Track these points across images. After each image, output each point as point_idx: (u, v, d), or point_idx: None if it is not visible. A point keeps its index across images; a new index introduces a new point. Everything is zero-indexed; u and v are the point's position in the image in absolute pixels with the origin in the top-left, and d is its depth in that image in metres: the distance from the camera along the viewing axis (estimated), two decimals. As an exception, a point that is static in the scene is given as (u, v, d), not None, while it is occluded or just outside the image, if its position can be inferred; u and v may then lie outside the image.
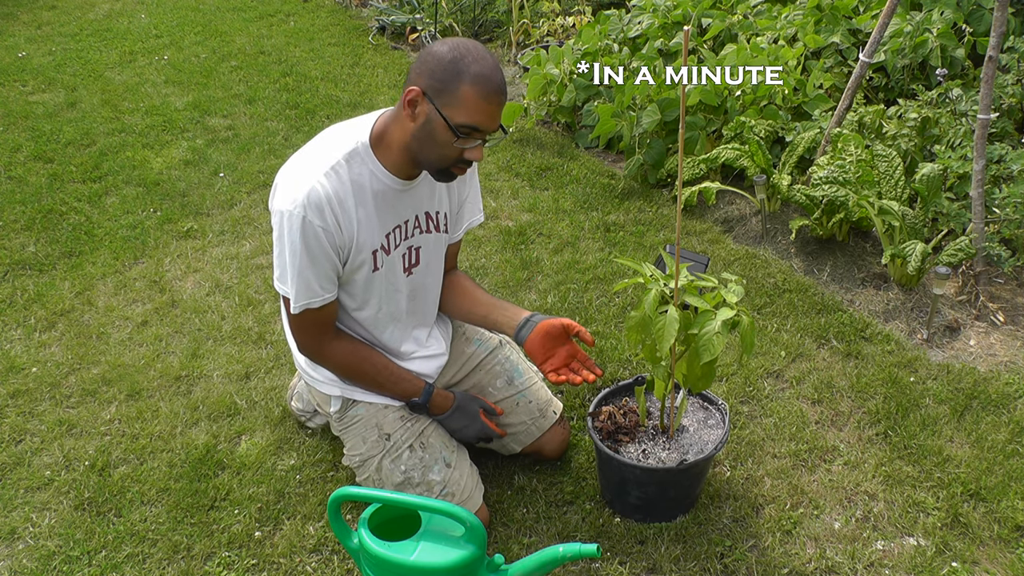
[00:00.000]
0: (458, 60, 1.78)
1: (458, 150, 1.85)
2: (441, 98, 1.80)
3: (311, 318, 1.98)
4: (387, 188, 1.96)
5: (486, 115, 1.81)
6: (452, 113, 1.80)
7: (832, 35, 4.02)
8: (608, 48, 4.35)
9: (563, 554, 1.75)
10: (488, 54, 1.82)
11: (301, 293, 1.92)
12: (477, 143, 1.85)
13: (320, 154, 1.92)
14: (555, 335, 2.07)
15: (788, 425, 2.47)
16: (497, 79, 1.81)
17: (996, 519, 2.15)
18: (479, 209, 2.24)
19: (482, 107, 1.80)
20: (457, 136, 1.82)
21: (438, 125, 1.82)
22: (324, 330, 2.03)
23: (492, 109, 1.81)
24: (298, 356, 2.20)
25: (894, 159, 3.09)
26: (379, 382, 2.11)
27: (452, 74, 1.78)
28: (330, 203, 1.86)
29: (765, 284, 3.11)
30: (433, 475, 2.09)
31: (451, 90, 1.79)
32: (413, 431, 2.12)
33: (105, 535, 2.19)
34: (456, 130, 1.81)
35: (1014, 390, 2.56)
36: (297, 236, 1.86)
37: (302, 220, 1.85)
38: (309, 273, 1.90)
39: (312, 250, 1.88)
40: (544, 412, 2.30)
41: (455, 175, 1.93)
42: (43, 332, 2.99)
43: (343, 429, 2.18)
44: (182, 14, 6.67)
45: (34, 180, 4.04)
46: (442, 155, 1.86)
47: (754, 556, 2.09)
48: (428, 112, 1.82)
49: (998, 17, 2.74)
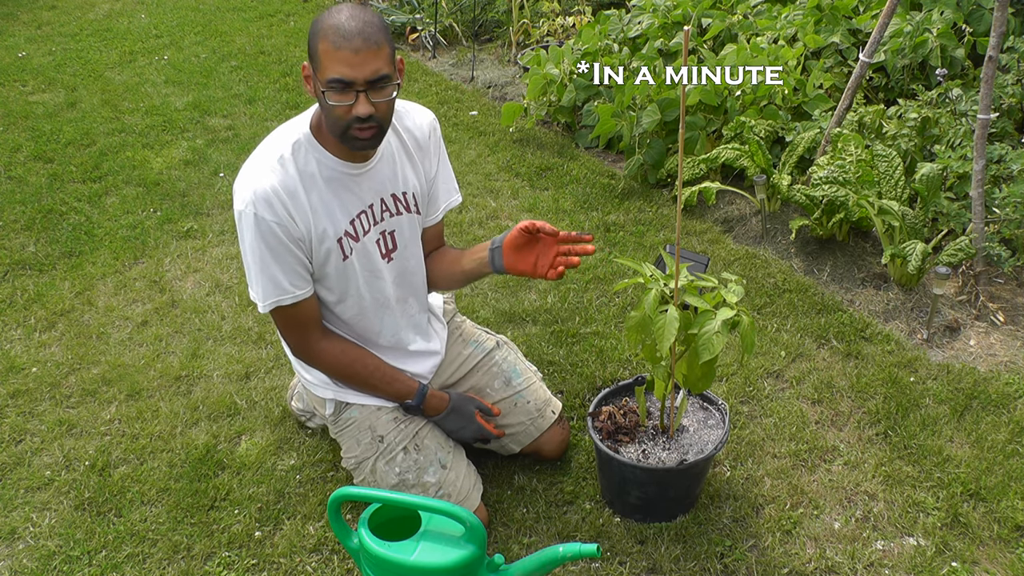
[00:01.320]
0: (316, 22, 1.80)
1: (343, 109, 1.81)
2: (313, 64, 1.81)
3: (290, 317, 1.97)
4: (339, 174, 1.94)
5: (343, 62, 1.76)
6: (320, 74, 1.79)
7: (832, 35, 4.02)
8: (608, 48, 4.35)
9: (563, 554, 1.75)
10: (350, 7, 1.80)
11: (269, 291, 1.92)
12: (353, 96, 1.79)
13: (265, 152, 1.92)
14: (523, 243, 2.01)
15: (788, 425, 2.47)
16: (348, 26, 1.76)
17: (996, 519, 2.15)
18: (455, 189, 2.20)
19: (335, 56, 1.76)
20: (324, 91, 1.79)
21: (317, 88, 1.82)
22: (309, 329, 2.02)
23: (345, 56, 1.75)
24: (293, 359, 2.20)
25: (894, 159, 3.09)
26: (372, 383, 2.10)
27: (313, 35, 1.80)
28: (278, 196, 1.86)
29: (765, 284, 3.11)
30: (428, 477, 2.08)
31: (314, 51, 1.80)
32: (407, 433, 2.12)
33: (105, 535, 2.19)
34: (325, 87, 1.79)
35: (1014, 390, 2.56)
36: (254, 234, 1.86)
37: (254, 217, 1.85)
38: (274, 269, 1.89)
39: (271, 245, 1.87)
40: (543, 412, 2.30)
41: (358, 138, 1.85)
42: (43, 332, 2.99)
43: (338, 432, 2.18)
44: (182, 14, 6.67)
45: (34, 180, 4.04)
46: (331, 117, 1.84)
47: (754, 556, 2.09)
48: (314, 82, 1.83)
49: (998, 17, 2.74)
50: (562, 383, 2.66)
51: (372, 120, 1.82)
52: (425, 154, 2.10)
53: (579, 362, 2.74)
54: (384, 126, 1.87)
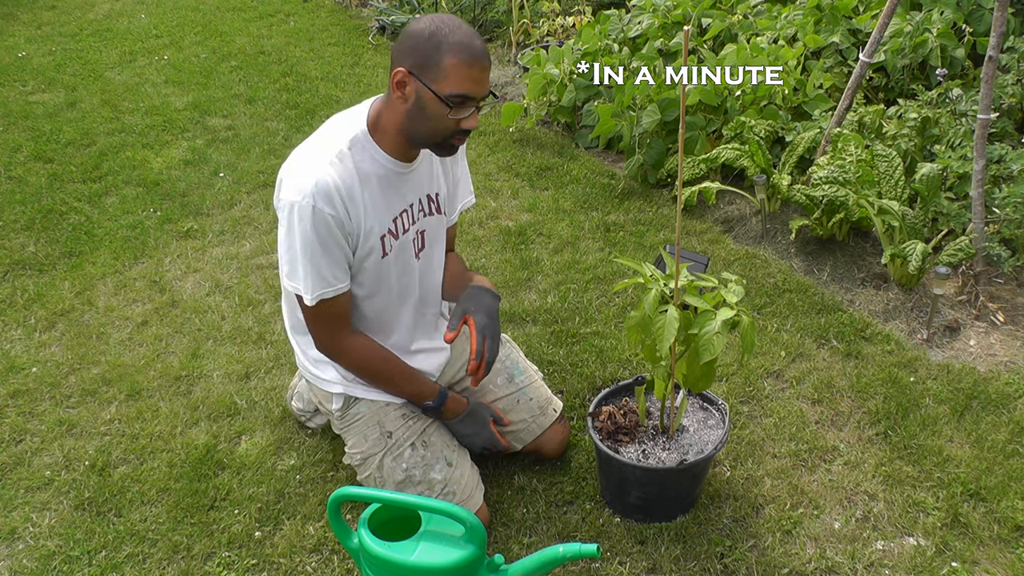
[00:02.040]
0: (436, 33, 1.82)
1: (453, 121, 1.87)
2: (427, 73, 1.83)
3: (326, 310, 1.98)
4: (389, 172, 1.98)
5: (472, 81, 1.83)
6: (440, 86, 1.82)
7: (832, 35, 4.02)
8: (608, 48, 4.35)
9: (563, 554, 1.75)
10: (464, 23, 1.86)
11: (316, 284, 1.92)
12: (471, 111, 1.87)
13: (322, 145, 1.93)
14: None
15: (788, 425, 2.47)
16: (477, 44, 1.83)
17: (996, 519, 2.15)
18: (470, 190, 2.27)
19: (467, 73, 1.82)
20: (449, 107, 1.84)
21: (429, 100, 1.84)
22: (341, 324, 2.02)
23: (476, 74, 1.83)
24: (300, 355, 2.21)
25: (894, 159, 3.09)
26: (395, 381, 2.11)
27: (433, 47, 1.81)
28: (338, 190, 1.87)
29: (765, 284, 3.11)
30: (434, 474, 2.09)
31: (435, 63, 1.81)
32: (415, 429, 2.13)
33: (105, 535, 2.19)
34: (447, 101, 1.83)
35: (1014, 390, 2.56)
36: (308, 225, 1.86)
37: (312, 209, 1.85)
38: (322, 262, 1.90)
39: (323, 239, 1.88)
40: (544, 410, 2.31)
41: (455, 146, 1.94)
42: (43, 332, 2.99)
43: (345, 427, 2.18)
44: (182, 14, 6.67)
45: (34, 180, 4.04)
46: (437, 128, 1.88)
47: (754, 556, 2.09)
48: (417, 89, 1.85)
49: (998, 17, 2.74)
50: (562, 383, 2.66)
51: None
52: (455, 157, 2.17)
53: (579, 362, 2.74)
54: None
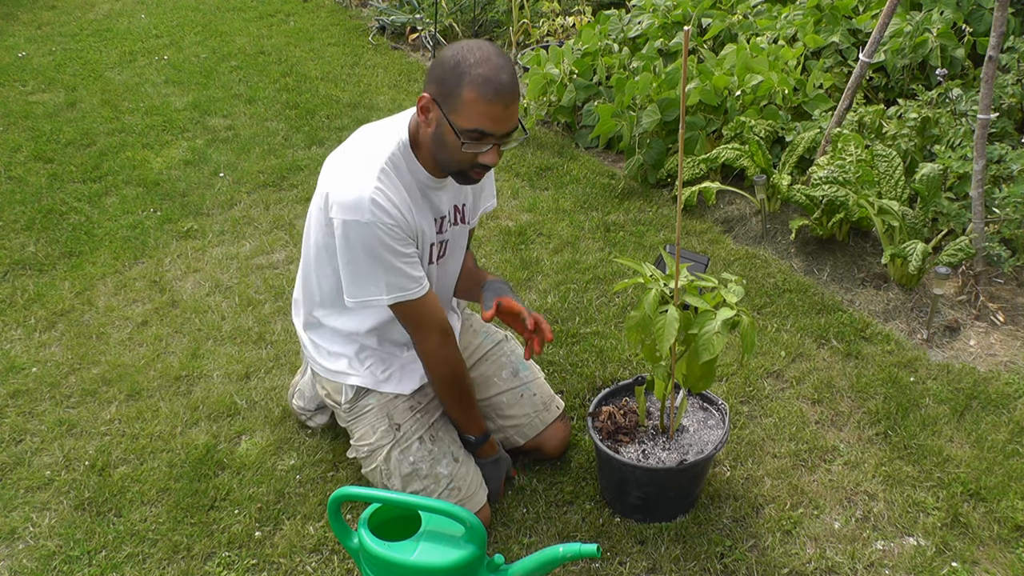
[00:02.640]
0: (460, 63, 1.77)
1: (470, 155, 1.84)
2: (447, 103, 1.80)
3: (416, 311, 1.98)
4: (426, 186, 1.99)
5: (490, 118, 1.78)
6: (457, 119, 1.79)
7: (832, 35, 4.02)
8: (608, 48, 4.35)
9: (563, 554, 1.75)
10: (496, 54, 1.79)
11: (393, 285, 1.92)
12: (489, 147, 1.83)
13: (368, 156, 1.92)
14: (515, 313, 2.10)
15: (788, 425, 2.47)
16: (502, 80, 1.77)
17: (996, 519, 2.15)
18: (493, 194, 2.27)
19: (485, 110, 1.77)
20: (463, 141, 1.81)
21: (446, 131, 1.82)
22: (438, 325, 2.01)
23: (496, 111, 1.78)
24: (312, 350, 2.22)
25: (894, 159, 3.09)
26: (464, 403, 2.13)
27: (455, 78, 1.77)
28: (389, 202, 1.87)
29: (765, 284, 3.11)
30: (441, 468, 2.10)
31: (455, 94, 1.78)
32: (423, 422, 2.14)
33: (105, 535, 2.19)
34: (461, 135, 1.80)
35: (1014, 390, 2.56)
36: (373, 240, 1.86)
37: (372, 225, 1.85)
38: (398, 264, 1.90)
39: (391, 246, 1.88)
40: (548, 406, 2.32)
41: (473, 179, 1.93)
42: (43, 332, 2.99)
43: (352, 419, 2.18)
44: (182, 14, 6.67)
45: (34, 180, 4.04)
46: (455, 160, 1.87)
47: (754, 556, 2.09)
48: (438, 118, 1.83)
49: (998, 17, 2.74)
50: (562, 383, 2.66)
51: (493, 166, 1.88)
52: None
53: (579, 362, 2.74)
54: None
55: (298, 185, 3.95)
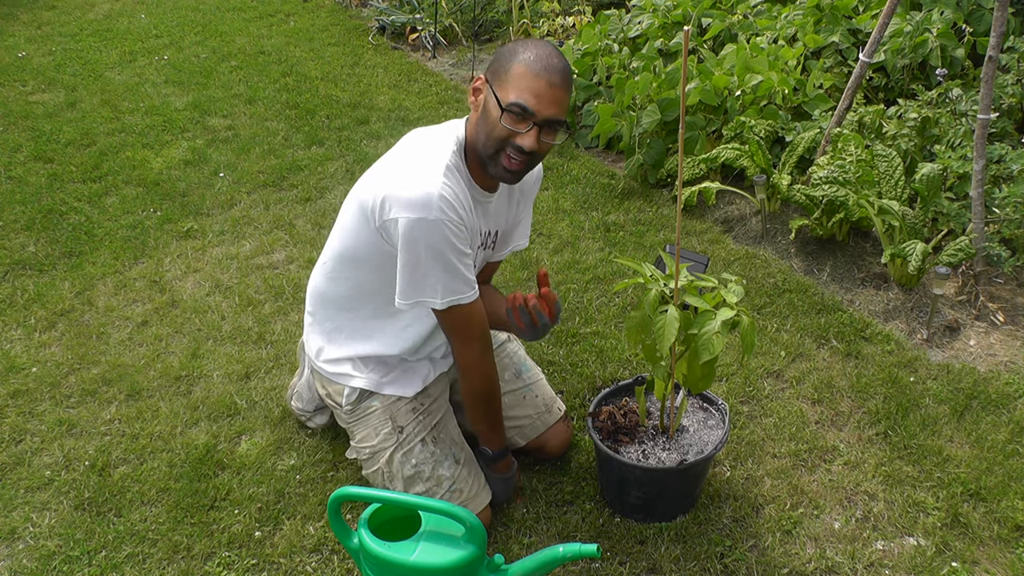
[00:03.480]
0: (517, 45, 1.85)
1: (506, 131, 1.83)
2: (497, 79, 1.85)
3: (466, 317, 1.95)
4: (474, 200, 1.97)
5: (534, 93, 1.80)
6: (503, 92, 1.83)
7: (832, 35, 4.02)
8: (608, 48, 4.35)
9: (563, 554, 1.75)
10: (551, 46, 1.85)
11: (451, 288, 1.90)
12: (529, 128, 1.82)
13: (429, 156, 1.91)
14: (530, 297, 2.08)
15: (788, 425, 2.47)
16: (551, 61, 1.81)
17: (996, 519, 2.15)
18: (526, 235, 2.26)
19: (531, 83, 1.79)
20: (503, 111, 1.81)
21: (491, 104, 1.85)
22: (482, 334, 2.00)
23: (540, 86, 1.79)
24: (315, 351, 2.22)
25: (894, 159, 3.09)
26: (493, 412, 2.11)
27: (508, 56, 1.84)
28: (457, 201, 1.87)
29: (765, 284, 3.11)
30: (443, 470, 2.10)
31: (505, 70, 1.83)
32: (425, 424, 2.14)
33: (105, 535, 2.19)
34: (504, 106, 1.81)
35: (1014, 390, 2.56)
36: (438, 238, 1.83)
37: (441, 223, 1.83)
38: (459, 265, 1.89)
39: (455, 245, 1.86)
40: (549, 408, 2.33)
41: (506, 167, 1.88)
42: (43, 332, 2.99)
43: (354, 421, 2.18)
44: (182, 14, 6.67)
45: (34, 180, 4.04)
46: (492, 135, 1.85)
47: (754, 556, 2.09)
48: (486, 95, 1.87)
49: (998, 17, 2.74)
50: (562, 383, 2.66)
51: (530, 155, 1.85)
52: (524, 201, 2.18)
53: (579, 362, 2.74)
54: (532, 166, 1.92)
55: (298, 185, 3.95)
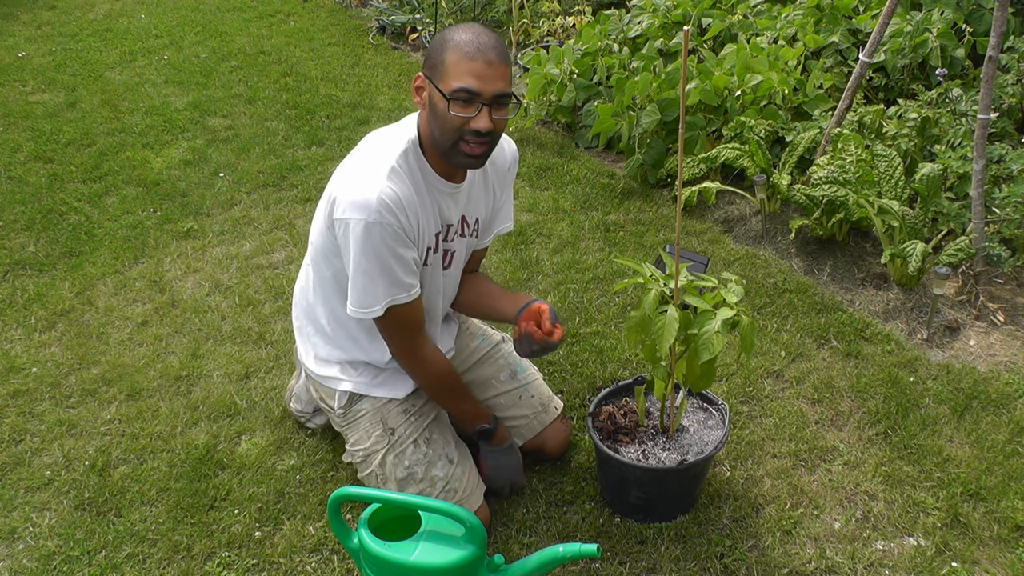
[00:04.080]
0: (444, 34, 1.85)
1: (459, 119, 1.83)
2: (435, 73, 1.84)
3: (403, 316, 1.97)
4: (436, 190, 1.98)
5: (473, 75, 1.80)
6: (444, 83, 1.82)
7: (832, 35, 4.02)
8: (608, 48, 4.35)
9: (563, 554, 1.75)
10: (479, 26, 1.86)
11: (388, 291, 1.91)
12: (478, 109, 1.83)
13: (376, 158, 1.92)
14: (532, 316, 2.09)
15: (788, 425, 2.47)
16: (482, 40, 1.81)
17: (996, 519, 2.15)
18: (510, 217, 2.27)
19: (467, 67, 1.80)
20: (449, 101, 1.81)
21: (437, 100, 1.85)
22: (418, 331, 2.02)
23: (478, 67, 1.80)
24: (304, 354, 2.22)
25: (894, 159, 3.09)
26: (459, 396, 2.13)
27: (439, 47, 1.84)
28: (397, 204, 1.87)
29: (765, 284, 3.11)
30: (436, 471, 2.10)
31: (440, 61, 1.83)
32: (417, 425, 2.14)
33: (105, 535, 2.19)
34: (448, 95, 1.81)
35: (1014, 390, 2.56)
36: (377, 239, 1.85)
37: (379, 225, 1.84)
38: (396, 269, 1.90)
39: (393, 249, 1.88)
40: (546, 407, 2.32)
41: (471, 155, 1.88)
42: (43, 332, 2.99)
43: (346, 424, 2.18)
44: (182, 14, 6.67)
45: (34, 180, 4.04)
46: (446, 128, 1.85)
47: (754, 556, 2.09)
48: (429, 91, 1.87)
49: (998, 17, 2.74)
50: (562, 383, 2.66)
51: (488, 136, 1.86)
52: (502, 185, 2.18)
53: (579, 362, 2.74)
54: (493, 145, 1.92)
55: (298, 185, 3.95)
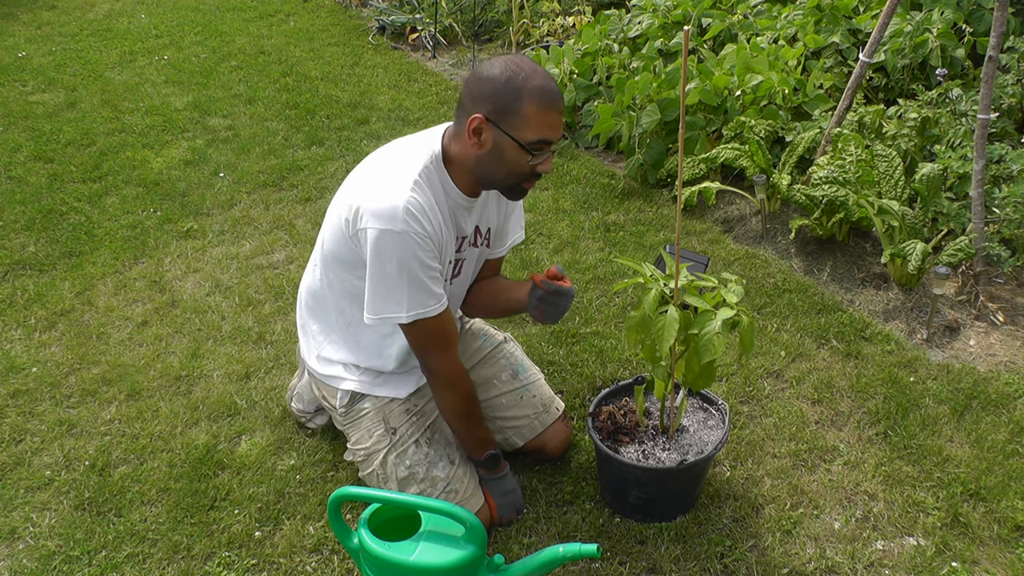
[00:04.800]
0: (513, 79, 1.82)
1: (530, 166, 1.88)
2: (507, 120, 1.83)
3: (435, 329, 1.96)
4: (456, 204, 1.99)
5: (552, 126, 1.85)
6: (522, 133, 1.83)
7: (832, 35, 4.02)
8: (608, 48, 4.35)
9: (563, 554, 1.75)
10: (537, 65, 1.87)
11: (417, 301, 1.91)
12: (547, 155, 1.89)
13: (399, 168, 1.92)
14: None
15: (788, 425, 2.47)
16: (554, 88, 1.85)
17: (996, 519, 2.15)
18: (521, 227, 2.27)
19: (548, 119, 1.84)
20: (531, 153, 1.85)
21: (509, 147, 1.85)
22: (452, 343, 2.02)
23: (555, 118, 1.85)
24: (307, 353, 2.23)
25: (894, 159, 3.09)
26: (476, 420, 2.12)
27: (512, 94, 1.82)
28: (422, 213, 1.87)
29: (765, 284, 3.11)
30: (437, 471, 2.10)
31: (515, 110, 1.82)
32: (419, 425, 2.14)
33: (105, 535, 2.19)
34: (529, 148, 1.84)
35: (1014, 390, 2.56)
36: (405, 250, 1.85)
37: (406, 235, 1.84)
38: (424, 280, 1.90)
39: (419, 258, 1.87)
40: (547, 408, 2.32)
41: (526, 190, 1.96)
42: (43, 332, 2.99)
43: (348, 423, 2.18)
44: (182, 14, 6.67)
45: (34, 180, 4.04)
46: (514, 173, 1.90)
47: (754, 556, 2.09)
48: (495, 137, 1.86)
49: (998, 17, 2.74)
50: (562, 383, 2.66)
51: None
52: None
53: (579, 362, 2.74)
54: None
55: (298, 185, 3.96)
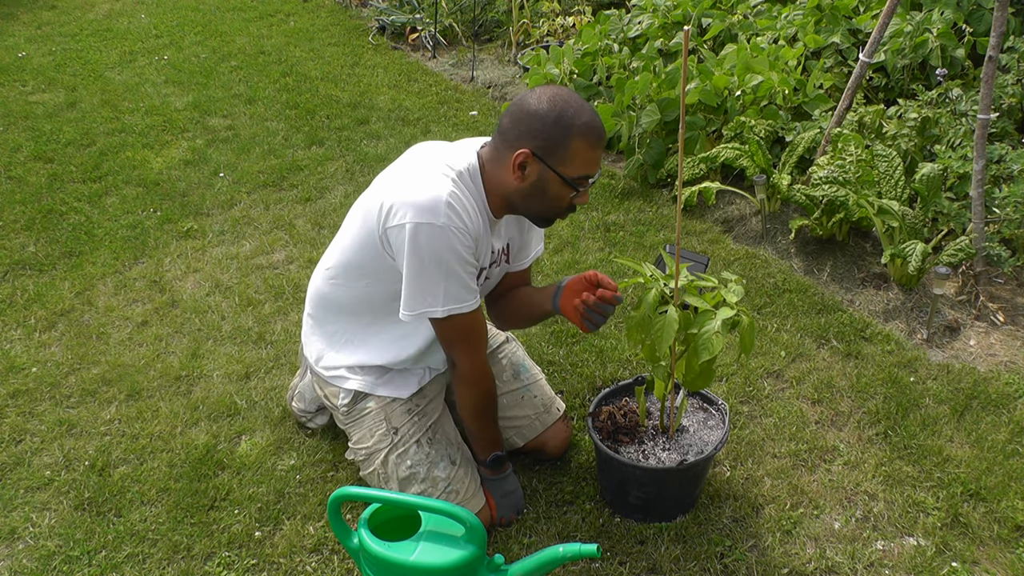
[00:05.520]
0: (562, 116, 1.82)
1: (570, 199, 1.91)
2: (554, 156, 1.85)
3: (466, 325, 1.96)
4: (486, 219, 1.99)
5: (596, 162, 1.89)
6: (567, 169, 1.85)
7: (832, 35, 4.02)
8: (608, 48, 4.35)
9: (563, 554, 1.75)
10: (581, 99, 1.88)
11: (453, 296, 1.90)
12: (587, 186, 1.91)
13: (437, 167, 1.91)
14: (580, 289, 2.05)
15: (788, 425, 2.47)
16: (600, 123, 1.87)
17: (996, 519, 2.15)
18: (541, 239, 2.27)
19: (592, 155, 1.86)
20: (576, 189, 1.88)
21: (553, 182, 1.87)
22: (482, 340, 2.02)
23: (598, 155, 1.89)
24: (313, 353, 2.23)
25: (894, 159, 3.09)
26: (491, 419, 2.12)
27: (561, 131, 1.82)
28: (463, 208, 1.87)
29: (765, 284, 3.11)
30: (438, 471, 2.10)
31: (563, 147, 1.83)
32: (421, 425, 2.14)
33: (105, 535, 2.19)
34: (574, 184, 1.86)
35: (1014, 390, 2.56)
36: (444, 245, 1.84)
37: (447, 229, 1.84)
38: (461, 274, 1.89)
39: (457, 252, 1.87)
40: (548, 408, 2.33)
41: (559, 219, 1.99)
42: (43, 332, 2.99)
43: (350, 422, 2.19)
44: (182, 14, 6.67)
45: (34, 180, 4.04)
46: (553, 207, 1.92)
47: (754, 556, 2.09)
48: (540, 171, 1.87)
49: (998, 17, 2.74)
50: (562, 383, 2.66)
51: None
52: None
53: (579, 362, 2.74)
54: None
55: (298, 185, 3.95)
